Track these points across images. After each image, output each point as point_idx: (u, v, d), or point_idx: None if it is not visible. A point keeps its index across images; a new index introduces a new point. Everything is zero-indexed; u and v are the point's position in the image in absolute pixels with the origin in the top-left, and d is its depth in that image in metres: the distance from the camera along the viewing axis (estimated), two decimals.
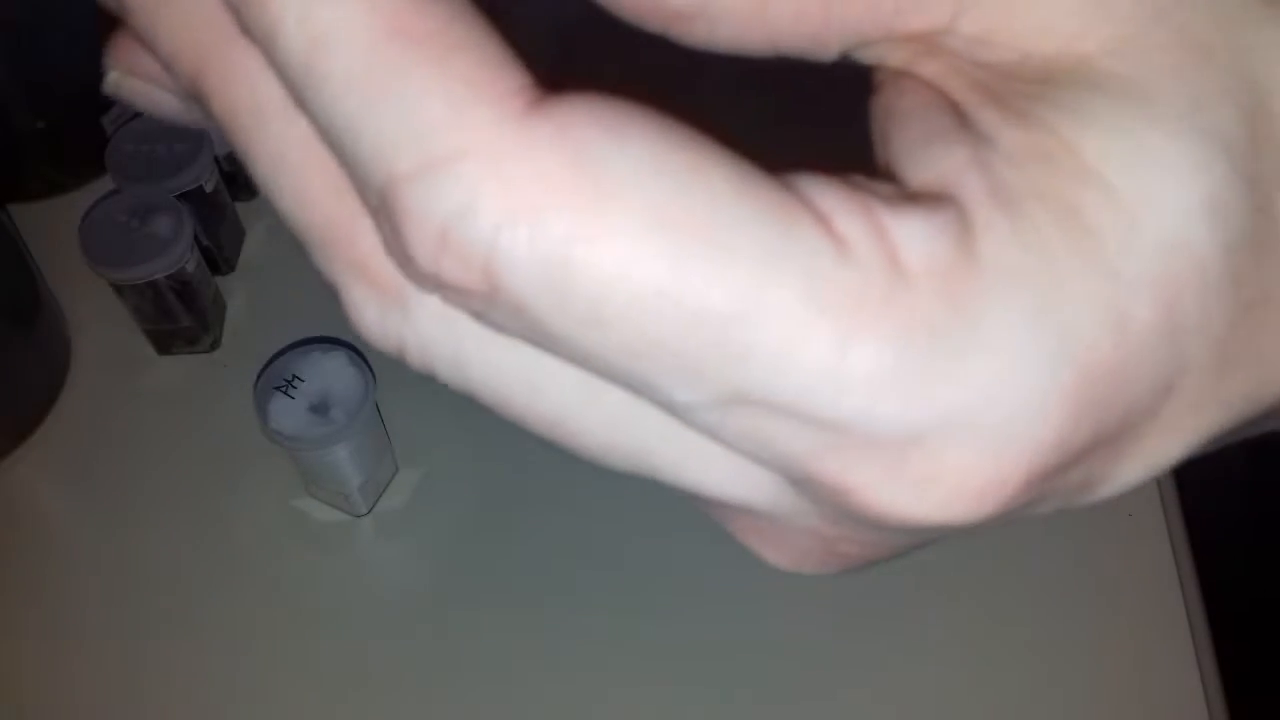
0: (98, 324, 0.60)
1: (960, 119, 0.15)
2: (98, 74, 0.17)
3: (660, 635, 0.52)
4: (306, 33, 0.13)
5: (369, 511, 0.55)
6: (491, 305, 0.14)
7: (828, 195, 0.14)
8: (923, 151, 0.15)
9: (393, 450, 0.55)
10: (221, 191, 0.59)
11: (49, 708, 0.52)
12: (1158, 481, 0.55)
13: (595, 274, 0.13)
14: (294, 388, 0.50)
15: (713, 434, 0.15)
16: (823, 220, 0.13)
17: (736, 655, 0.51)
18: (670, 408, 0.14)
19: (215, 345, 0.59)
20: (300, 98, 0.14)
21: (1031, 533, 0.54)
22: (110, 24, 0.17)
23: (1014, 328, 0.13)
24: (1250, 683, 0.54)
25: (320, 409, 0.50)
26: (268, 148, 0.15)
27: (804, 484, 0.15)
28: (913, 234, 0.14)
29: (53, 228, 0.60)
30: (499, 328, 0.14)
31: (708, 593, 0.52)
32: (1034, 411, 0.14)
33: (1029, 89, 0.15)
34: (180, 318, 0.57)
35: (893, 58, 0.16)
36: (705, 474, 0.16)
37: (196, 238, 0.56)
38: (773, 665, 0.51)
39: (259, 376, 0.50)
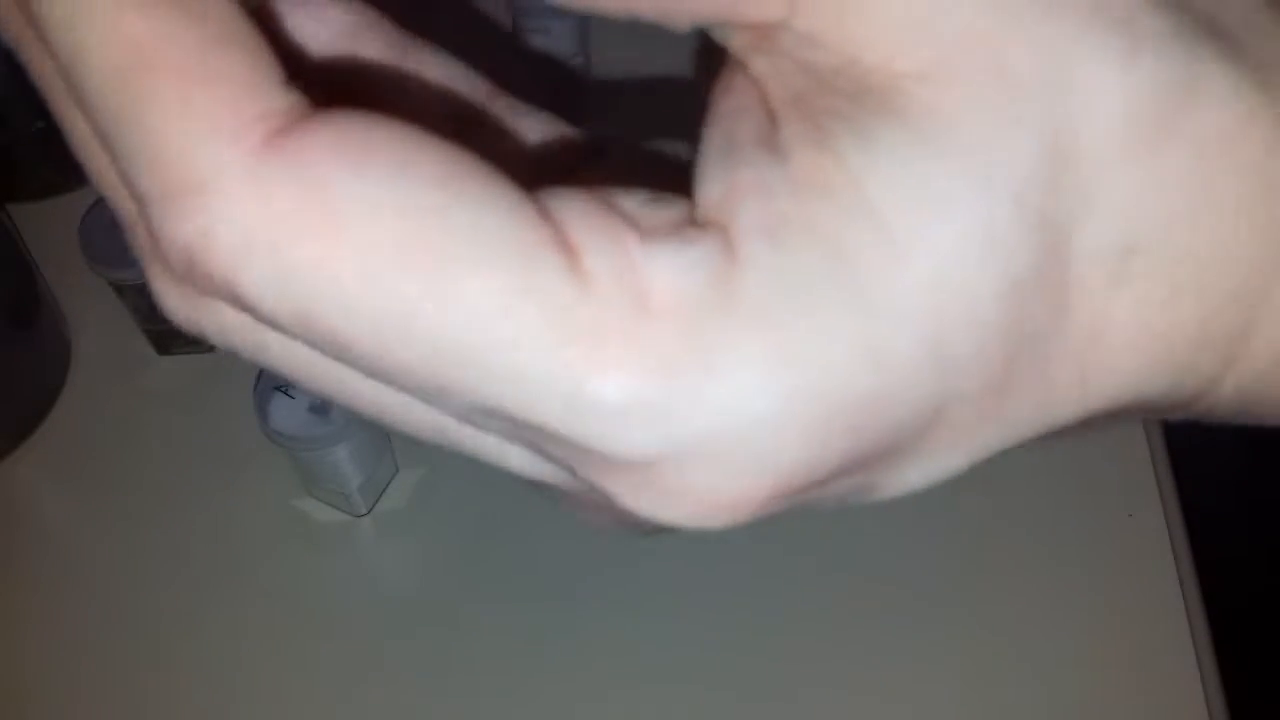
0: (98, 324, 0.60)
1: (764, 130, 0.15)
2: None
3: (660, 635, 0.52)
4: (70, 41, 0.14)
5: (369, 511, 0.55)
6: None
7: (581, 225, 0.14)
8: (719, 163, 0.15)
9: (393, 450, 0.55)
10: None
11: (49, 707, 0.52)
12: (1158, 482, 0.55)
13: (330, 305, 0.13)
14: (294, 388, 0.50)
15: (486, 431, 0.15)
16: (570, 252, 0.14)
17: (737, 655, 0.51)
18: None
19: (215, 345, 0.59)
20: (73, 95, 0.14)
21: (1031, 533, 0.54)
22: None
23: (753, 365, 0.14)
24: (1250, 683, 0.54)
25: (320, 409, 0.50)
26: (69, 127, 0.15)
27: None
28: (663, 269, 0.14)
29: (52, 228, 0.60)
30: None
31: (708, 593, 0.52)
32: (770, 441, 0.14)
33: (838, 104, 0.15)
34: None
35: (734, 44, 0.16)
36: (504, 456, 0.16)
37: None
38: (775, 665, 0.51)
39: (259, 376, 0.50)
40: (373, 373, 0.14)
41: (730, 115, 0.16)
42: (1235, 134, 0.15)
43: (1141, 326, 0.16)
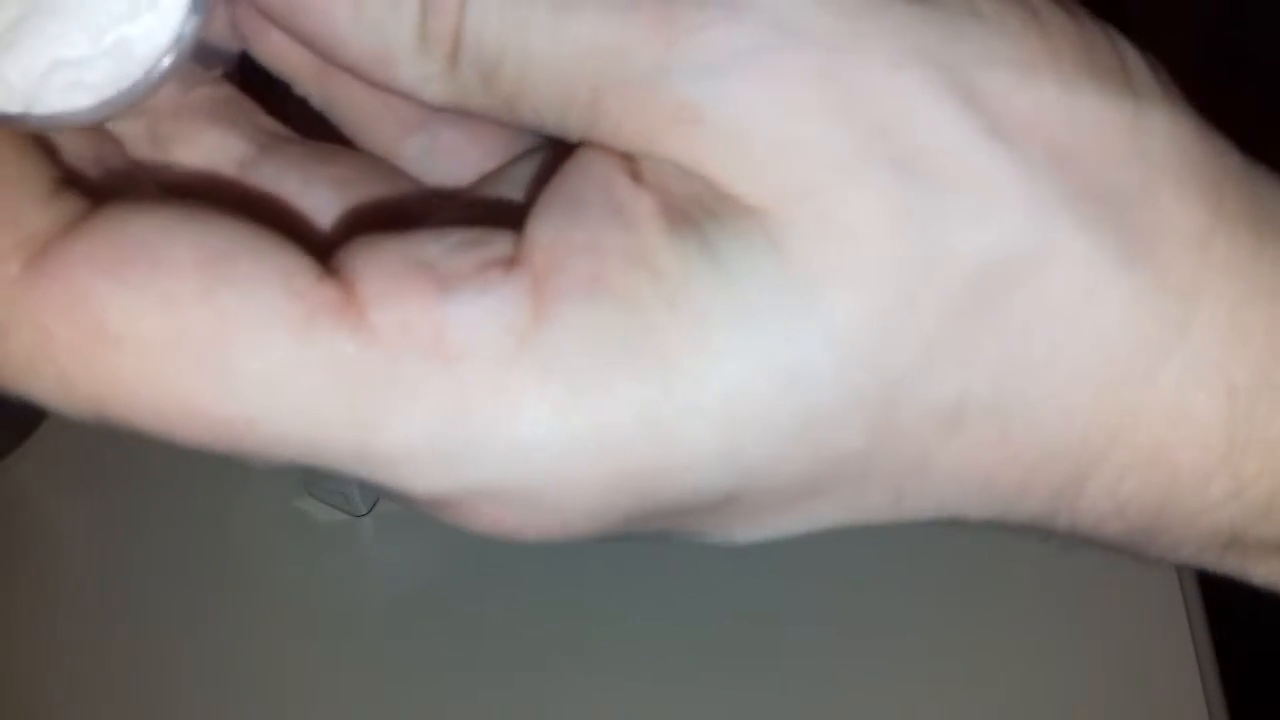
0: None
1: (620, 196, 0.15)
2: None
3: (660, 635, 0.52)
4: None
5: (369, 511, 0.55)
6: None
7: (372, 279, 0.14)
8: (557, 211, 0.15)
9: None
10: None
11: (50, 707, 0.52)
12: None
13: (115, 405, 0.14)
14: None
15: None
16: (354, 309, 0.14)
17: (738, 656, 0.51)
18: None
19: None
20: None
21: (1033, 545, 0.54)
22: None
23: (540, 417, 0.14)
24: (1250, 683, 0.54)
25: None
26: None
27: None
28: (460, 316, 0.14)
29: None
30: None
31: (709, 594, 0.52)
32: (554, 491, 0.15)
33: (698, 207, 0.15)
34: None
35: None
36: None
37: None
38: (776, 667, 0.51)
39: None
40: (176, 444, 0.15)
41: (587, 171, 0.16)
42: (1083, 301, 0.15)
43: (964, 466, 0.16)
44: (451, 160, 0.19)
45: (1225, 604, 0.53)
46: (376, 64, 0.16)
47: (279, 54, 0.19)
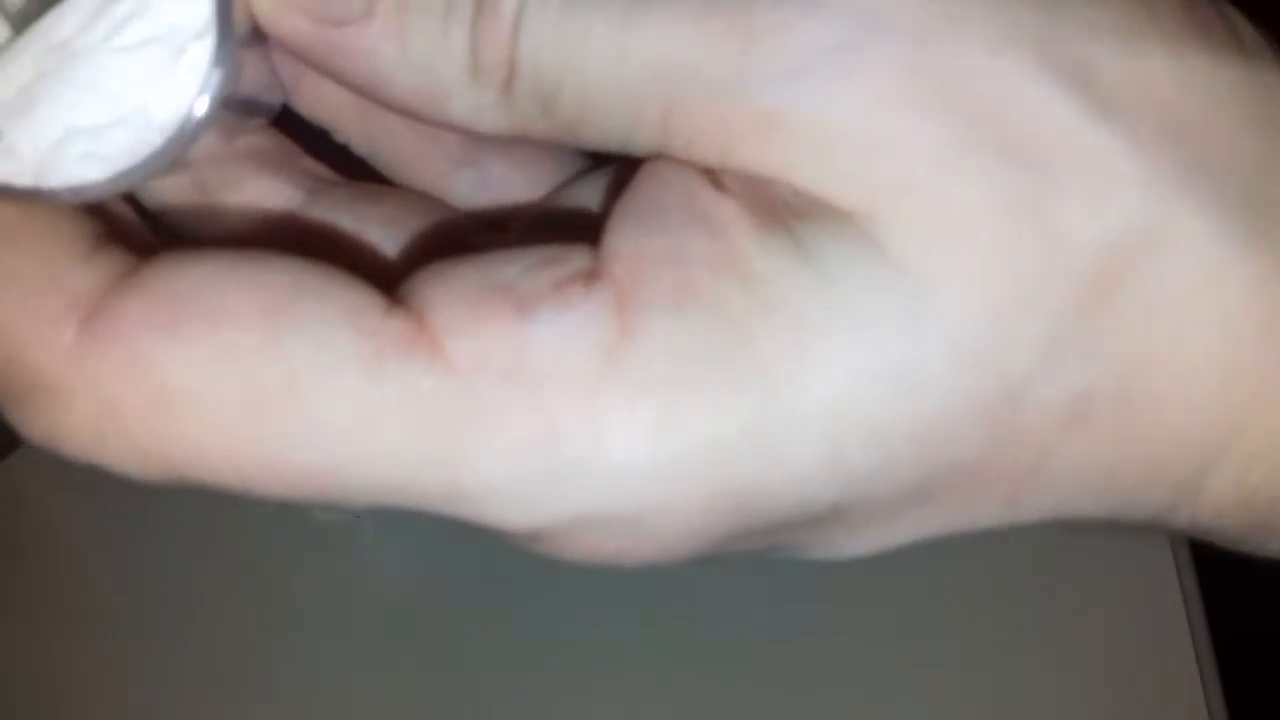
0: None
1: (702, 202, 0.14)
2: None
3: (661, 636, 0.52)
4: None
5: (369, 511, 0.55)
6: None
7: (444, 309, 0.14)
8: (636, 222, 0.14)
9: None
10: None
11: (50, 707, 0.52)
12: None
13: (191, 466, 0.14)
14: None
15: None
16: (428, 341, 0.13)
17: (738, 658, 0.51)
18: None
19: None
20: None
21: (1032, 534, 0.54)
22: None
23: (635, 439, 0.14)
24: (1250, 681, 0.54)
25: None
26: None
27: None
28: (542, 338, 0.14)
29: None
30: None
31: (710, 595, 0.52)
32: (651, 517, 0.14)
33: (789, 210, 0.14)
34: None
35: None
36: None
37: None
38: (775, 667, 0.51)
39: None
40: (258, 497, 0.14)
41: (663, 179, 0.15)
42: (1207, 285, 0.14)
43: (1085, 462, 0.15)
44: (500, 191, 0.18)
45: (1222, 588, 0.53)
46: (426, 100, 0.15)
47: (318, 100, 0.18)
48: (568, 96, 0.14)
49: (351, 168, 0.19)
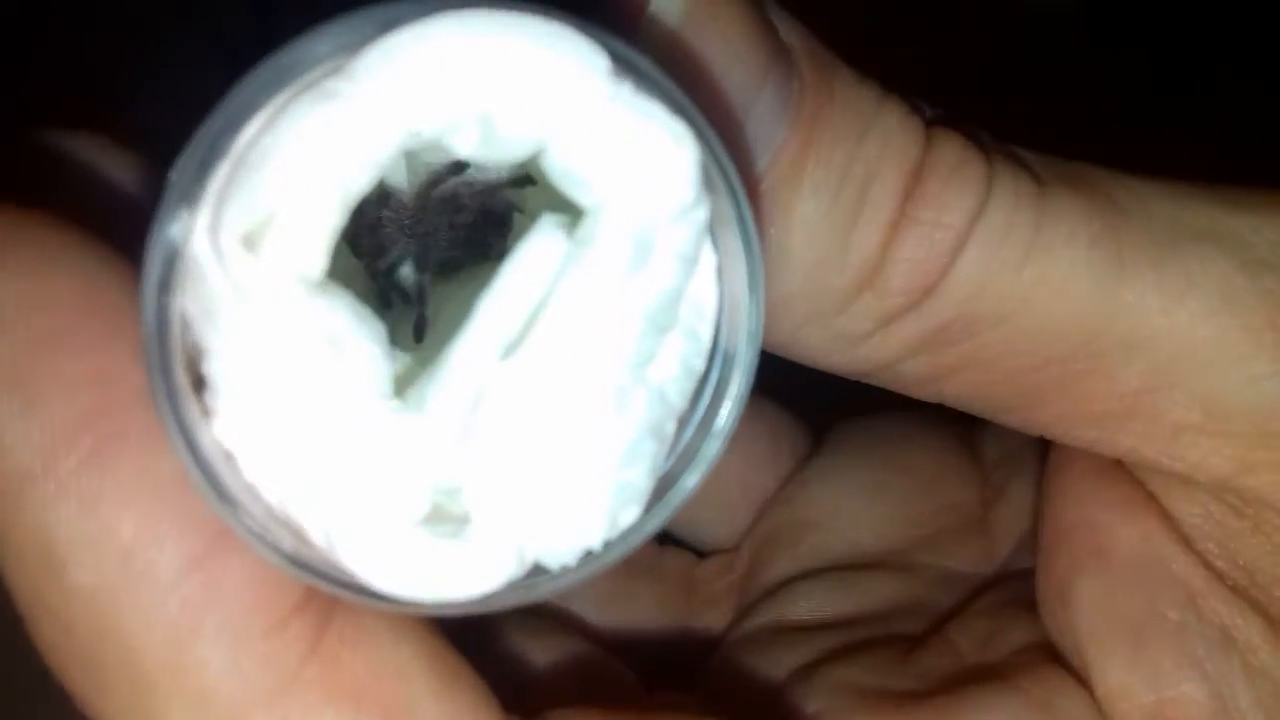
0: None
1: (1205, 592, 0.13)
2: None
3: None
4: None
5: None
6: None
7: None
8: (1127, 643, 0.12)
9: None
10: None
11: (49, 706, 0.51)
12: None
13: None
14: None
15: None
16: None
17: None
18: None
19: None
20: None
21: None
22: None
23: None
24: None
25: None
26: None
27: None
28: None
29: None
30: None
31: None
32: None
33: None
34: None
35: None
36: None
37: None
38: None
39: None
40: None
41: (1132, 561, 0.12)
42: None
43: None
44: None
45: None
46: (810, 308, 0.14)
47: None
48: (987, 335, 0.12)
49: None
